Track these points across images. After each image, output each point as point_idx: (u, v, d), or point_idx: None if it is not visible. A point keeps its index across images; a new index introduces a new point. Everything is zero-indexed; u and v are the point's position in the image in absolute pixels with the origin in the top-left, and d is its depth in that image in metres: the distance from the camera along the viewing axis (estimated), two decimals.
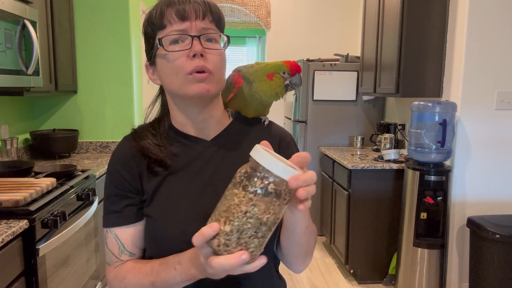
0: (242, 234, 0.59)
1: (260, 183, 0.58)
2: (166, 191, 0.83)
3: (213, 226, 0.59)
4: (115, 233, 0.84)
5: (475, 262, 2.44)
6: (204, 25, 0.79)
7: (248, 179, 0.59)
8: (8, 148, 2.54)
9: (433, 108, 2.53)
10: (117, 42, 3.11)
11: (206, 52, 0.78)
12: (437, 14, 2.70)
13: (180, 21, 0.78)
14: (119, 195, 0.84)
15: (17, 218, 1.60)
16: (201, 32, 0.79)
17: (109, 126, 3.19)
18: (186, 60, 0.78)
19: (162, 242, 0.80)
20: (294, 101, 3.80)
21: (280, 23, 4.40)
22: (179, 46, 0.78)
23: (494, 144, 2.61)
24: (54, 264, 1.81)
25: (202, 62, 0.78)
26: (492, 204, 2.65)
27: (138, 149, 0.85)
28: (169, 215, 0.81)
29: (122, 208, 0.84)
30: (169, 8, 0.78)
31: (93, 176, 2.37)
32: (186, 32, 0.78)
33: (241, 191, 0.59)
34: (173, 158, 0.84)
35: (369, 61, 3.35)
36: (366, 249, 2.94)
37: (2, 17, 1.85)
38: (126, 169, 0.85)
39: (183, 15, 0.78)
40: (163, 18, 0.79)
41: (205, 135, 0.87)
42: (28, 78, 2.10)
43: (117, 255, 0.85)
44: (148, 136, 0.86)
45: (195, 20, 0.78)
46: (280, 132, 0.94)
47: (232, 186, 0.61)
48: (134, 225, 0.84)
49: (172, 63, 0.79)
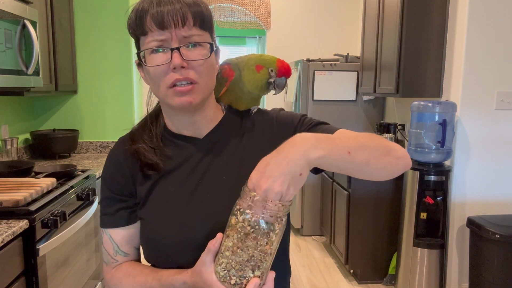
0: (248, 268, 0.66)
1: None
2: (159, 194, 0.83)
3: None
4: (109, 234, 0.86)
5: (475, 262, 2.44)
6: (185, 33, 0.74)
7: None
8: (8, 148, 2.54)
9: (433, 108, 2.53)
10: (117, 42, 3.11)
11: (188, 62, 0.75)
12: (437, 14, 2.70)
13: (159, 29, 0.74)
14: (112, 198, 0.85)
15: (17, 218, 1.60)
16: (181, 42, 0.74)
17: (109, 126, 3.19)
18: (166, 73, 0.75)
19: (156, 245, 0.81)
20: (294, 101, 3.80)
21: (280, 23, 4.40)
22: (159, 58, 0.75)
23: (494, 144, 2.61)
24: (54, 264, 1.81)
25: (184, 73, 0.74)
26: (492, 204, 2.65)
27: (131, 152, 0.84)
28: (161, 218, 0.81)
29: (115, 211, 0.85)
30: (147, 15, 0.74)
31: (93, 176, 2.37)
32: (165, 43, 0.74)
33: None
34: (167, 161, 0.84)
35: (369, 61, 3.35)
36: (366, 249, 2.94)
37: (2, 17, 1.85)
38: (119, 173, 0.85)
39: (161, 24, 0.73)
40: (143, 25, 0.75)
41: (198, 133, 0.86)
42: (28, 78, 2.10)
43: (112, 255, 0.86)
44: (144, 138, 0.85)
45: (175, 29, 0.74)
46: (261, 115, 0.90)
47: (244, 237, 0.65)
48: (127, 227, 0.85)
49: (154, 76, 0.76)
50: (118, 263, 0.87)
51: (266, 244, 0.64)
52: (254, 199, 0.62)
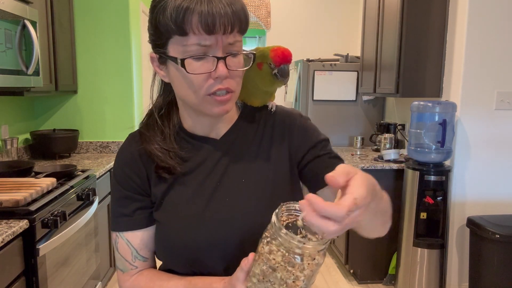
0: None
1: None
2: (175, 196, 0.79)
3: None
4: (126, 238, 0.80)
5: (475, 262, 2.44)
6: (231, 40, 0.70)
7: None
8: (8, 148, 2.54)
9: (433, 108, 2.53)
10: (117, 42, 3.11)
11: (229, 72, 0.71)
12: (437, 14, 2.70)
13: (205, 34, 0.67)
14: (128, 197, 0.80)
15: (17, 218, 1.60)
16: (226, 50, 0.70)
17: (109, 126, 3.19)
18: (206, 80, 0.71)
19: (173, 249, 0.77)
20: (294, 101, 3.80)
21: (280, 23, 4.40)
22: (202, 65, 0.70)
23: (494, 144, 2.61)
24: (54, 264, 1.81)
25: (226, 83, 0.71)
26: (492, 204, 2.65)
27: (145, 151, 0.80)
28: (179, 221, 0.77)
29: (132, 212, 0.80)
30: (193, 14, 0.66)
31: (93, 176, 2.37)
32: (210, 50, 0.69)
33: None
34: (183, 163, 0.80)
35: (369, 61, 3.35)
36: (366, 249, 2.94)
37: (2, 17, 1.85)
38: (134, 172, 0.80)
39: (211, 28, 0.67)
40: (186, 24, 0.67)
41: (215, 134, 0.83)
42: (28, 78, 2.10)
43: (131, 261, 0.80)
44: (157, 139, 0.80)
45: (222, 35, 0.68)
46: (285, 118, 0.87)
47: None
48: (146, 229, 0.81)
49: (191, 81, 0.71)
50: (138, 270, 0.81)
51: (292, 282, 0.59)
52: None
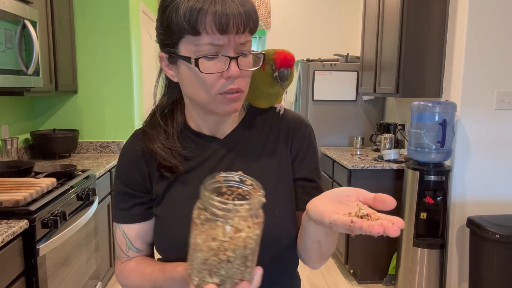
0: (231, 276, 0.59)
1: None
2: (177, 193, 0.82)
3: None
4: (123, 229, 0.85)
5: (475, 262, 2.44)
6: (242, 40, 0.72)
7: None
8: (8, 148, 2.54)
9: (433, 108, 2.53)
10: (117, 42, 3.11)
11: (241, 71, 0.73)
12: (437, 14, 2.70)
13: (218, 33, 0.69)
14: (127, 193, 0.84)
15: (17, 218, 1.60)
16: (238, 50, 0.72)
17: (109, 126, 3.19)
18: (218, 79, 0.72)
19: (172, 244, 0.80)
20: (294, 101, 3.80)
21: (280, 23, 4.40)
22: (214, 65, 0.71)
23: (494, 144, 2.61)
24: (54, 264, 1.81)
25: (237, 83, 0.73)
26: (492, 204, 2.65)
27: (148, 150, 0.82)
28: (178, 218, 0.80)
29: (130, 207, 0.84)
30: (206, 14, 0.68)
31: (93, 176, 2.37)
32: (222, 49, 0.71)
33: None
34: (185, 162, 0.82)
35: (369, 61, 3.35)
36: (366, 249, 2.94)
37: (2, 17, 1.85)
38: (136, 168, 0.83)
39: (225, 28, 0.68)
40: (199, 24, 0.69)
41: (220, 133, 0.85)
42: (28, 78, 2.10)
43: (125, 250, 0.85)
44: (160, 138, 0.82)
45: (235, 35, 0.70)
46: (293, 121, 0.89)
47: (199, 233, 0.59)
48: (142, 224, 0.84)
49: (203, 80, 0.73)
50: (129, 259, 0.86)
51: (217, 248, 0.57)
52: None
